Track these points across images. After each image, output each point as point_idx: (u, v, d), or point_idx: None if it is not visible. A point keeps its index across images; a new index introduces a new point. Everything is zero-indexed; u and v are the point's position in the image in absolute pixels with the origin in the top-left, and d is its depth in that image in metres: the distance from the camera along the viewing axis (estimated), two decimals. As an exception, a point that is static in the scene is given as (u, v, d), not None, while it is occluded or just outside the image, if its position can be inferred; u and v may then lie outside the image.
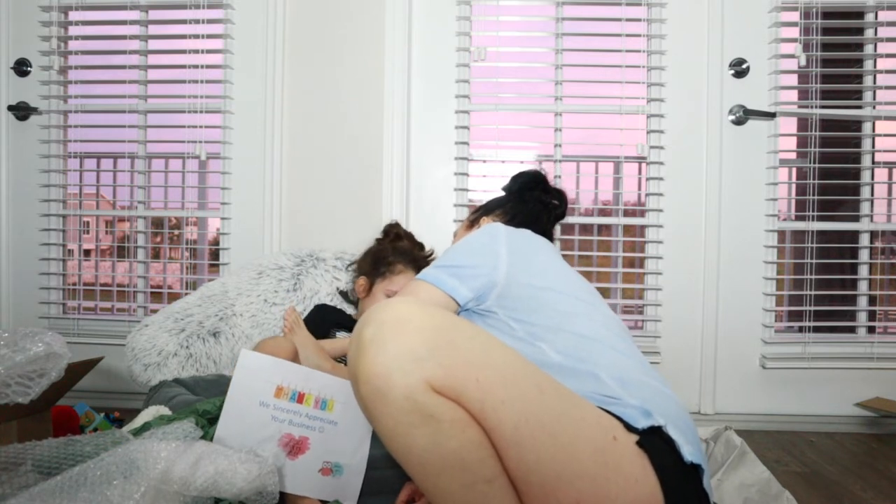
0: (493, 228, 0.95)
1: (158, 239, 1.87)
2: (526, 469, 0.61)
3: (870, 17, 1.68)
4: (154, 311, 1.71)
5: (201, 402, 1.00)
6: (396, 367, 0.59)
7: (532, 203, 1.16)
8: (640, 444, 0.65)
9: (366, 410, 0.62)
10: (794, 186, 1.78)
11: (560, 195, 1.18)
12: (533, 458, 0.61)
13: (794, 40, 1.65)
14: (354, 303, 1.49)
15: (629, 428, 0.66)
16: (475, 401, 0.60)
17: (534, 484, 0.61)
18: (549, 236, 1.16)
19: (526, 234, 0.96)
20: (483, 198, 1.74)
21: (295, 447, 0.84)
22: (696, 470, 0.66)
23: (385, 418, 0.60)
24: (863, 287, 1.69)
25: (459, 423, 0.60)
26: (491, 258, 0.89)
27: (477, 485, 0.61)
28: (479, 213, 1.18)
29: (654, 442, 0.66)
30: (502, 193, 1.22)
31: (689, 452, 0.66)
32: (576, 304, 0.85)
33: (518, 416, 0.60)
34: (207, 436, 0.88)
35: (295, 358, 1.08)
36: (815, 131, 1.65)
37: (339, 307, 1.48)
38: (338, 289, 1.52)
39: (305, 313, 1.48)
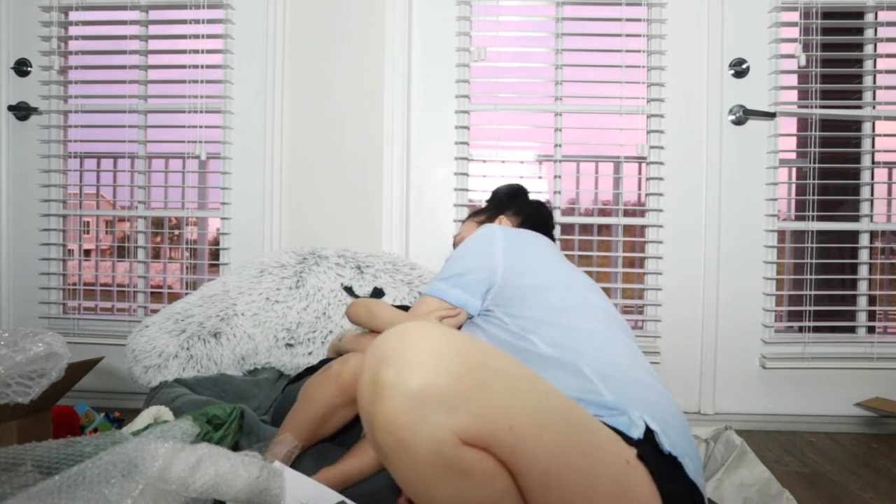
0: (489, 231, 0.96)
1: (158, 239, 1.87)
2: None
3: (870, 17, 1.68)
4: (154, 312, 1.71)
5: (211, 405, 1.00)
6: (425, 419, 0.51)
7: (534, 205, 1.24)
8: (639, 456, 0.63)
9: (383, 458, 0.56)
10: (794, 186, 1.78)
11: (541, 203, 1.26)
12: (559, 498, 0.57)
13: (794, 40, 1.65)
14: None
15: (627, 440, 0.65)
16: (506, 448, 0.54)
17: None
18: (552, 238, 1.21)
19: (522, 234, 0.97)
20: (483, 198, 1.74)
21: None
22: (676, 461, 0.66)
23: (408, 470, 0.54)
24: (863, 287, 1.69)
25: (489, 474, 0.55)
26: (489, 260, 0.92)
27: None
28: (490, 213, 1.22)
29: (648, 450, 0.65)
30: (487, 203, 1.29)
31: (667, 443, 0.65)
32: (568, 298, 0.86)
33: (548, 459, 0.56)
34: (213, 441, 0.88)
35: None
36: (815, 131, 1.65)
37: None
38: (342, 285, 1.52)
39: (307, 310, 1.48)
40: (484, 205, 1.35)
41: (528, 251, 0.94)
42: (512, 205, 1.26)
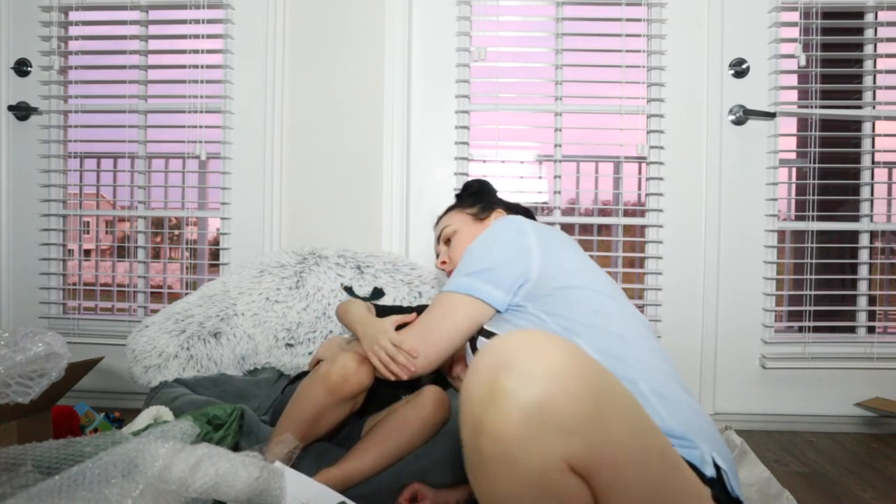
0: (516, 222, 0.88)
1: (158, 239, 1.87)
2: None
3: (870, 17, 1.68)
4: (154, 312, 1.71)
5: (211, 405, 1.00)
6: (539, 438, 0.48)
7: (518, 206, 1.21)
8: (713, 497, 0.61)
9: (477, 467, 0.53)
10: (794, 186, 1.78)
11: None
12: None
13: (794, 40, 1.65)
14: (364, 299, 1.49)
15: (701, 477, 0.61)
16: (603, 482, 0.52)
17: None
18: None
19: (551, 229, 0.92)
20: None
21: None
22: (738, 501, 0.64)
23: (504, 484, 0.51)
24: (863, 287, 1.69)
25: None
26: (524, 255, 0.84)
27: None
28: (483, 205, 1.17)
29: (719, 491, 0.61)
30: (458, 199, 1.25)
31: (735, 486, 0.63)
32: (608, 302, 0.81)
33: (637, 499, 0.54)
34: (213, 441, 0.88)
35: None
36: (815, 131, 1.65)
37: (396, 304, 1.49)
38: (342, 285, 1.52)
39: (308, 310, 1.48)
40: (456, 199, 1.29)
41: (559, 247, 0.86)
42: (496, 200, 1.22)
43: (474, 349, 0.88)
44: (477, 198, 1.21)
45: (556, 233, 0.90)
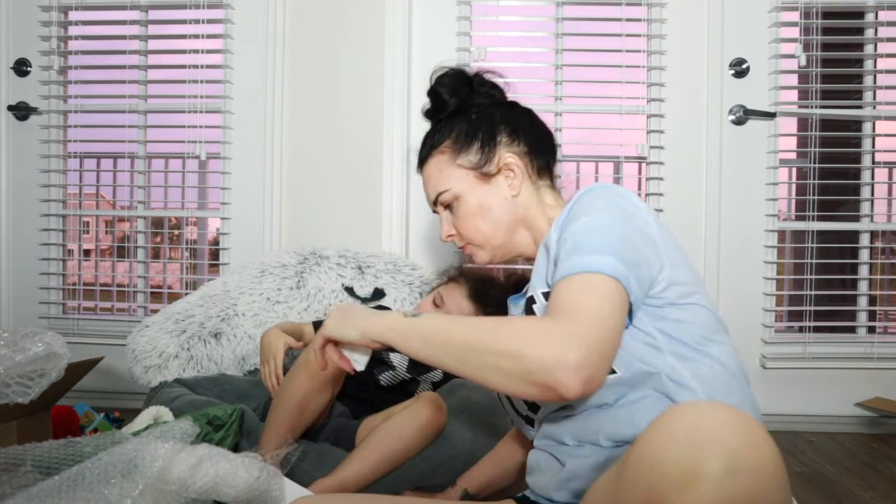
0: (630, 197, 0.67)
1: (158, 239, 1.87)
2: None
3: (870, 17, 1.68)
4: (154, 312, 1.71)
5: (211, 405, 0.99)
6: None
7: (520, 111, 0.87)
8: None
9: None
10: (794, 186, 1.78)
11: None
12: None
13: (794, 40, 1.65)
14: (365, 299, 1.48)
15: None
16: None
17: None
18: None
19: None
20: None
21: None
22: None
23: None
24: (863, 287, 1.69)
25: None
26: (654, 250, 0.64)
27: None
28: (483, 142, 0.80)
29: None
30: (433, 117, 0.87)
31: None
32: (714, 319, 0.68)
33: None
34: (213, 442, 0.88)
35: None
36: (815, 131, 1.65)
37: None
38: (343, 285, 1.52)
39: (309, 311, 1.48)
40: (433, 123, 0.87)
41: (672, 239, 0.68)
42: (496, 121, 0.82)
43: None
44: (468, 130, 0.82)
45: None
